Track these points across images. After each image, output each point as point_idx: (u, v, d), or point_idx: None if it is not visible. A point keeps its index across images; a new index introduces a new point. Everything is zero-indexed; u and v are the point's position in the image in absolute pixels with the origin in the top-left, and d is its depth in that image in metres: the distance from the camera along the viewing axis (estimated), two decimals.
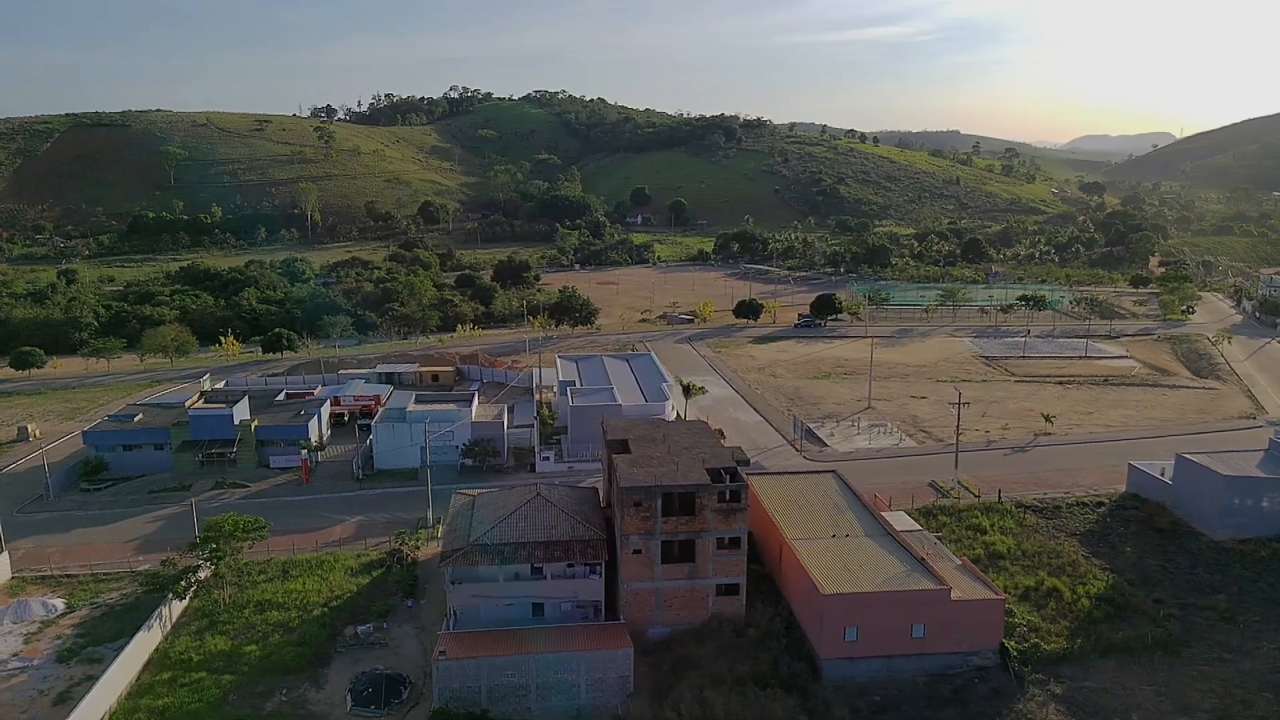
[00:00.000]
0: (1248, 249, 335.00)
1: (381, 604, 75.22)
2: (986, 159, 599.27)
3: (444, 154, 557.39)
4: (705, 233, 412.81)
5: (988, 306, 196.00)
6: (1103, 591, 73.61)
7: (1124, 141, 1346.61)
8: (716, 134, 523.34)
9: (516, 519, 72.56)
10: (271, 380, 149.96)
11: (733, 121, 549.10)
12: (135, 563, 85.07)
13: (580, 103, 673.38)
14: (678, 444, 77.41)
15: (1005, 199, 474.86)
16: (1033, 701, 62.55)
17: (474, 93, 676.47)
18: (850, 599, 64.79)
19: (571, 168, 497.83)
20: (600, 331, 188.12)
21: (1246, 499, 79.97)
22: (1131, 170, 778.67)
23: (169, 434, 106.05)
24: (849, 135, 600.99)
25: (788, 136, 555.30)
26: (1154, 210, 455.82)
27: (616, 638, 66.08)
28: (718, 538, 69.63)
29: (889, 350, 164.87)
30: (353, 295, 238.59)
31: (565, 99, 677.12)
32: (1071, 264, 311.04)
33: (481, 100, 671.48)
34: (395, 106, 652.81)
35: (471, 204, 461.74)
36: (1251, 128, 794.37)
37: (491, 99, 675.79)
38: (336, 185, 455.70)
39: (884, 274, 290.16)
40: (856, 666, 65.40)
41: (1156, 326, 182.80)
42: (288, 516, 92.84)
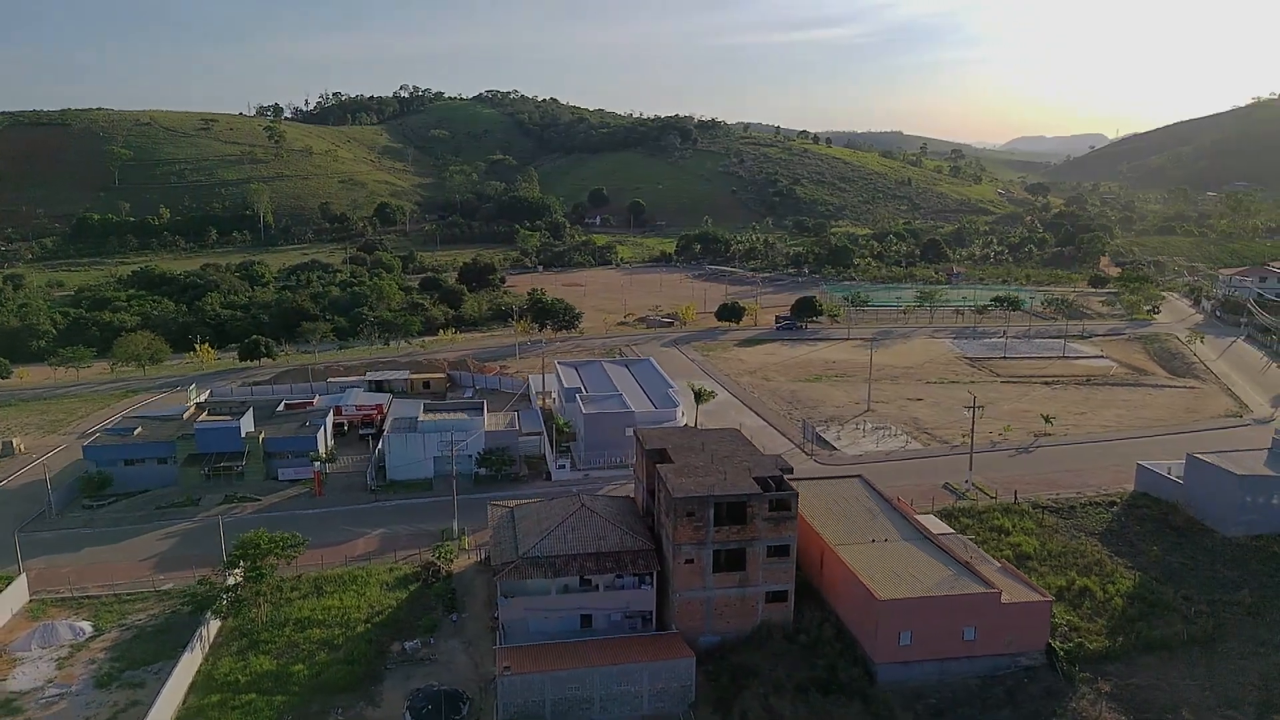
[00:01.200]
0: (1192, 248, 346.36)
1: (427, 619, 74.58)
2: (934, 160, 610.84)
3: (397, 154, 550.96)
4: (664, 234, 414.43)
5: (963, 308, 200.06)
6: (1132, 590, 76.04)
7: (1059, 142, 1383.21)
8: (672, 135, 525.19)
9: (564, 531, 72.53)
10: (258, 389, 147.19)
11: (688, 122, 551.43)
12: (157, 582, 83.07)
13: (533, 103, 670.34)
14: (718, 453, 78.01)
15: (955, 199, 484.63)
16: (1084, 700, 64.43)
17: (424, 92, 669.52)
18: (905, 604, 66.05)
19: (529, 168, 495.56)
20: (583, 335, 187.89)
21: (1259, 497, 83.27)
22: (1070, 171, 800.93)
23: (174, 447, 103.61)
24: (801, 136, 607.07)
25: (743, 138, 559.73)
26: (1097, 211, 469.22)
27: (677, 648, 66.47)
28: (768, 545, 70.43)
29: (874, 352, 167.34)
30: (320, 300, 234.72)
31: (517, 99, 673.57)
32: (1025, 264, 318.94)
33: (432, 100, 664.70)
34: (344, 106, 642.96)
35: (428, 205, 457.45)
36: (1183, 130, 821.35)
37: (443, 99, 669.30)
38: (289, 186, 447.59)
39: (847, 275, 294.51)
40: (910, 670, 66.68)
41: (1125, 326, 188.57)
42: (306, 530, 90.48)
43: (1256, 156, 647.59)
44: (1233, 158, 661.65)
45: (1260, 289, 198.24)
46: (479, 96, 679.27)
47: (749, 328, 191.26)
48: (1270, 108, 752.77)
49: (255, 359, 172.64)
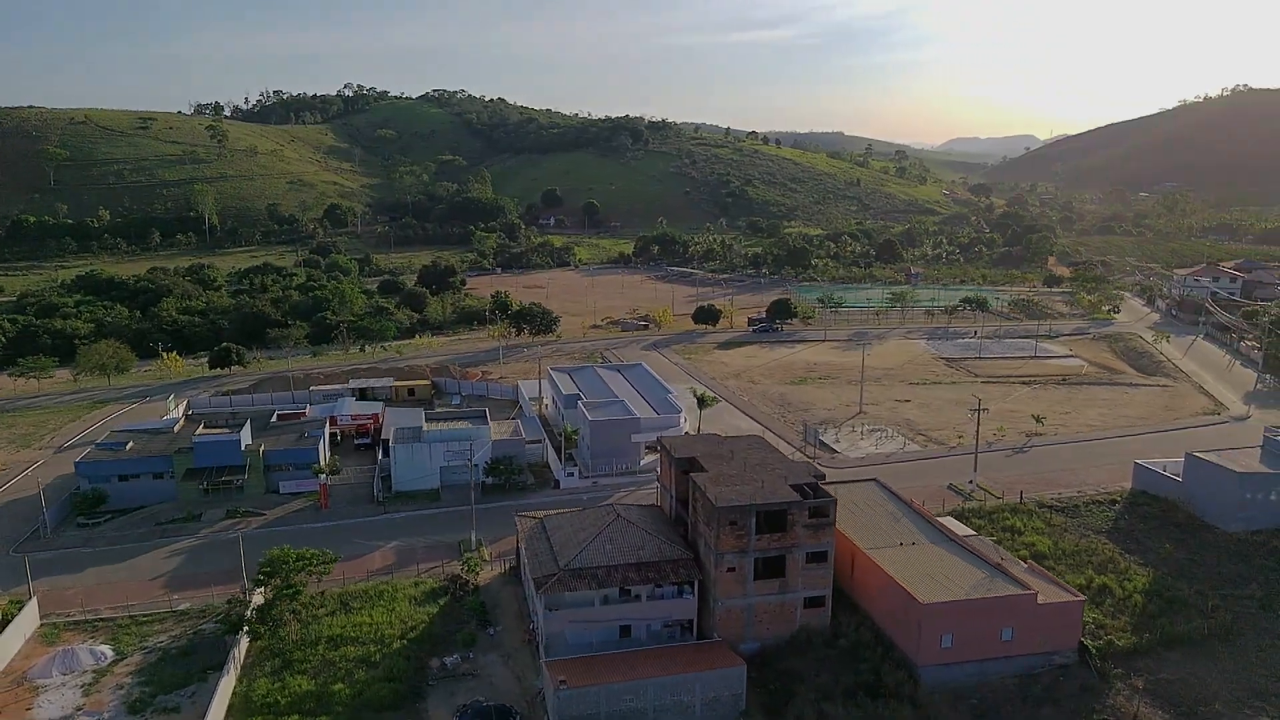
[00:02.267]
0: (1134, 248, 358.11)
1: (466, 633, 73.88)
2: (880, 160, 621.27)
3: (343, 154, 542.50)
4: (619, 235, 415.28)
5: (933, 308, 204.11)
6: (1148, 587, 78.64)
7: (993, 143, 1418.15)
8: (623, 135, 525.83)
9: (602, 541, 72.52)
10: (236, 399, 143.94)
11: (638, 123, 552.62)
12: (172, 602, 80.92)
13: (480, 103, 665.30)
14: (748, 460, 78.65)
15: (903, 200, 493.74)
16: (1120, 696, 66.51)
17: (369, 91, 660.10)
18: (947, 607, 67.42)
19: (481, 169, 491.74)
20: (559, 339, 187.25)
21: (1258, 493, 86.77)
22: (1007, 172, 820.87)
23: (172, 462, 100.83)
24: (750, 137, 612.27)
25: (693, 138, 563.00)
26: (1038, 211, 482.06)
27: (726, 656, 66.97)
28: (807, 552, 71.33)
29: (851, 354, 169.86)
30: (281, 304, 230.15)
31: (465, 99, 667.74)
32: (976, 263, 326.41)
33: (377, 99, 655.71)
34: (287, 104, 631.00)
35: (378, 206, 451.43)
36: (1113, 132, 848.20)
37: (388, 98, 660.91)
38: (233, 187, 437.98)
39: (806, 275, 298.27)
40: (951, 671, 68.09)
41: (1089, 326, 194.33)
42: (318, 545, 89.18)
43: (1185, 157, 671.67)
44: (1162, 159, 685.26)
45: (1216, 288, 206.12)
46: (425, 96, 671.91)
47: (725, 330, 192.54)
48: (1196, 111, 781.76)
49: (225, 367, 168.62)
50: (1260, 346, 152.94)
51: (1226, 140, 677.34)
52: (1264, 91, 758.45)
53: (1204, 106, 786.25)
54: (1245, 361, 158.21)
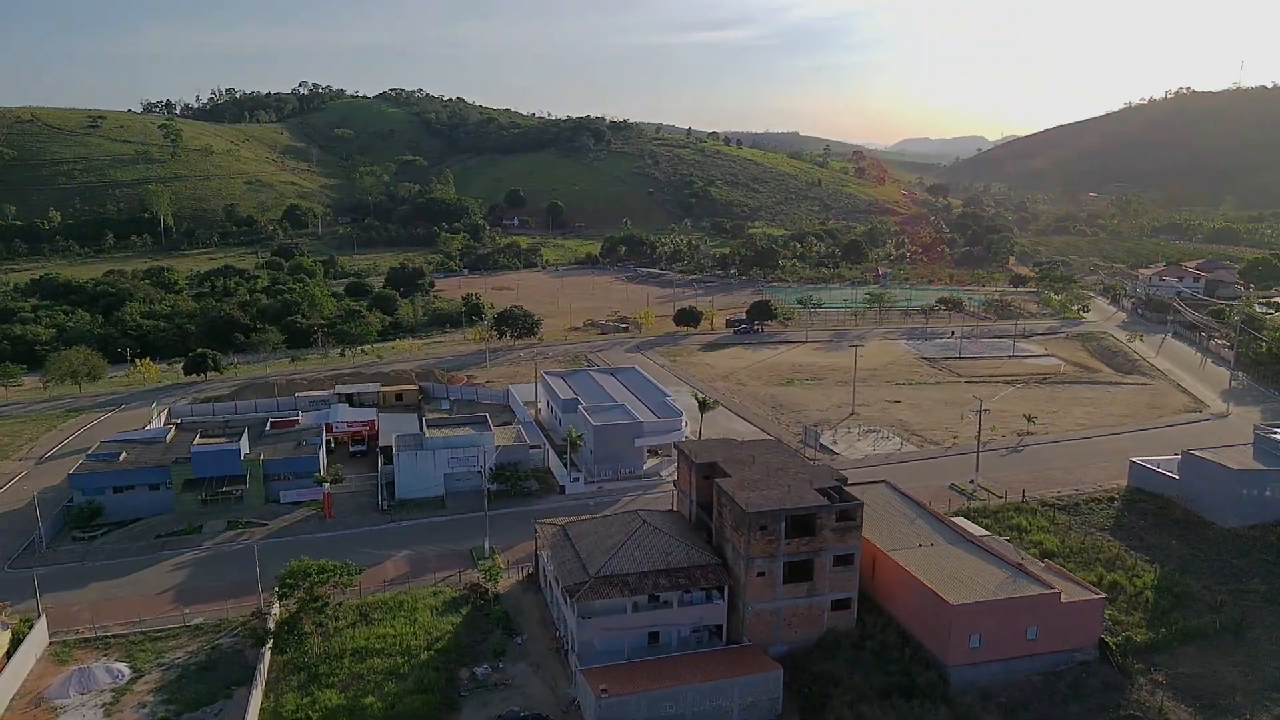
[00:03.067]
0: (1090, 248, 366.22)
1: (495, 643, 73.46)
2: (839, 161, 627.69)
3: (300, 154, 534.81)
4: (584, 235, 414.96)
5: (910, 309, 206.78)
6: (1157, 582, 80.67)
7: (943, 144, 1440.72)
8: (585, 136, 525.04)
9: (631, 548, 72.57)
10: (219, 407, 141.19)
11: (600, 123, 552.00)
12: (183, 616, 79.25)
13: (439, 102, 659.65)
14: (769, 465, 79.19)
15: (864, 200, 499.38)
16: (1143, 691, 68.19)
17: (325, 89, 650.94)
18: (976, 608, 68.54)
19: (443, 169, 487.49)
20: (542, 342, 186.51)
21: (1254, 489, 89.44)
22: (960, 173, 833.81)
23: (169, 472, 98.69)
24: (711, 137, 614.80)
25: (655, 139, 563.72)
26: (994, 211, 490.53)
27: (762, 661, 67.48)
28: (834, 555, 72.07)
29: (834, 355, 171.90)
30: (248, 308, 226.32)
31: (423, 98, 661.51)
32: (939, 263, 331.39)
33: (334, 98, 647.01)
34: (240, 103, 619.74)
35: (338, 207, 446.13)
36: (1062, 133, 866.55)
37: (344, 96, 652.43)
38: (188, 187, 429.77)
39: (774, 276, 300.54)
40: (978, 671, 69.24)
41: (1061, 326, 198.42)
42: (326, 555, 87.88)
43: (1132, 158, 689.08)
44: (1110, 160, 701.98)
45: (1183, 288, 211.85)
46: (383, 95, 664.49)
47: (706, 331, 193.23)
48: (1142, 112, 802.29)
49: (201, 373, 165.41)
50: (1231, 345, 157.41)
51: (1171, 142, 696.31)
52: (1206, 94, 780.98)
53: (1149, 109, 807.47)
54: (1217, 359, 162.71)
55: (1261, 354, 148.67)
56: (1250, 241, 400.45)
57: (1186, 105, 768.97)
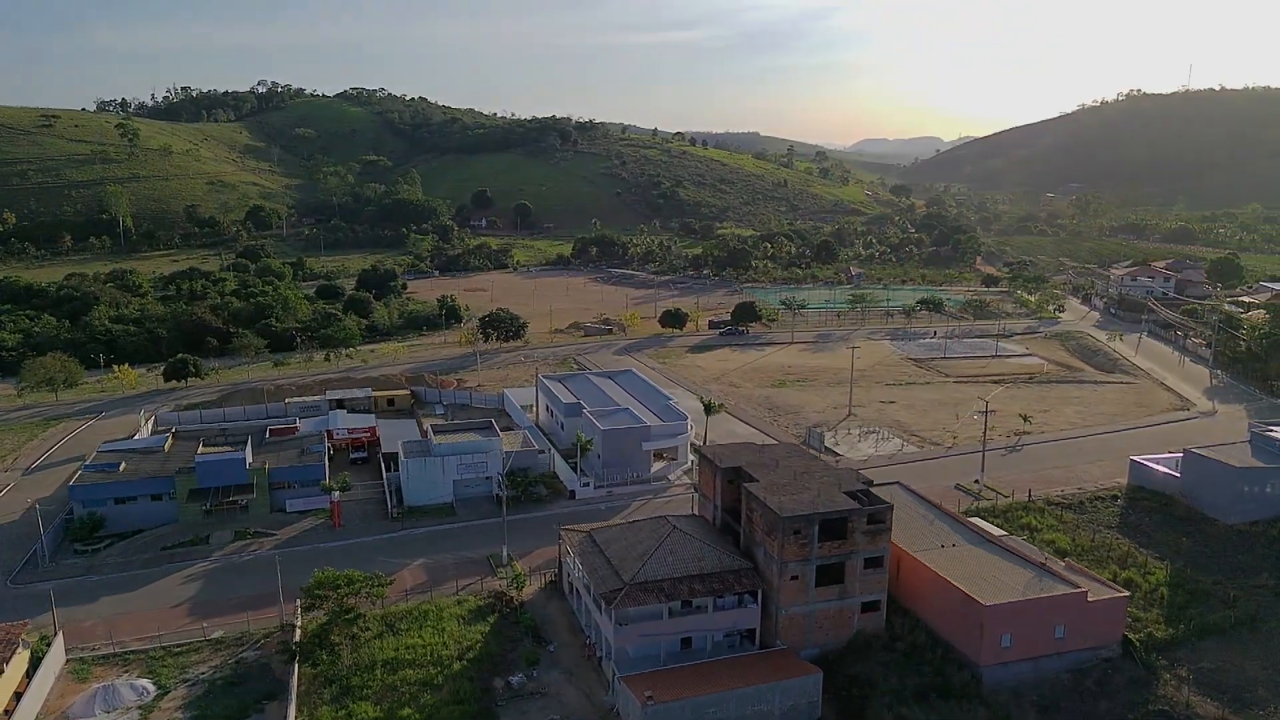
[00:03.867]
0: (1054, 247, 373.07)
1: (527, 651, 73.06)
2: (802, 161, 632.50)
3: (260, 154, 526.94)
4: (553, 236, 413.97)
5: (892, 309, 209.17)
6: (1169, 579, 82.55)
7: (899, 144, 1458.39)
8: (552, 136, 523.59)
9: (664, 554, 72.60)
10: (207, 414, 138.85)
11: (566, 124, 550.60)
12: (200, 630, 77.74)
13: (401, 102, 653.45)
14: (793, 468, 79.65)
15: (829, 200, 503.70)
16: (1168, 686, 69.68)
17: (284, 88, 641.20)
18: (1008, 608, 69.55)
19: (410, 170, 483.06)
20: (529, 345, 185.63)
21: (1255, 487, 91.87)
22: (919, 173, 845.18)
23: (173, 483, 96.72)
24: (676, 138, 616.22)
25: (621, 139, 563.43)
26: (956, 211, 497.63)
27: (800, 665, 67.89)
28: (864, 558, 72.75)
29: (822, 356, 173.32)
30: (220, 311, 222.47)
31: (385, 97, 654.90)
32: (907, 263, 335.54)
33: (293, 96, 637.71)
34: (197, 101, 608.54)
35: (303, 208, 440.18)
36: (1017, 134, 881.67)
37: (304, 95, 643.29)
38: (148, 188, 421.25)
39: (747, 276, 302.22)
40: (1009, 670, 70.30)
41: (1038, 325, 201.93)
42: (339, 565, 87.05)
43: (1087, 159, 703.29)
44: (1066, 160, 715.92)
45: (1156, 287, 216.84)
46: (344, 94, 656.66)
47: (692, 333, 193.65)
48: (1095, 114, 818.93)
49: (181, 379, 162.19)
50: (1208, 344, 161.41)
51: (1124, 143, 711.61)
52: (1156, 96, 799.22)
53: (1102, 110, 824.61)
54: (1195, 358, 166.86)
55: (1241, 353, 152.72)
56: (1205, 241, 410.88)
57: (1139, 107, 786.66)
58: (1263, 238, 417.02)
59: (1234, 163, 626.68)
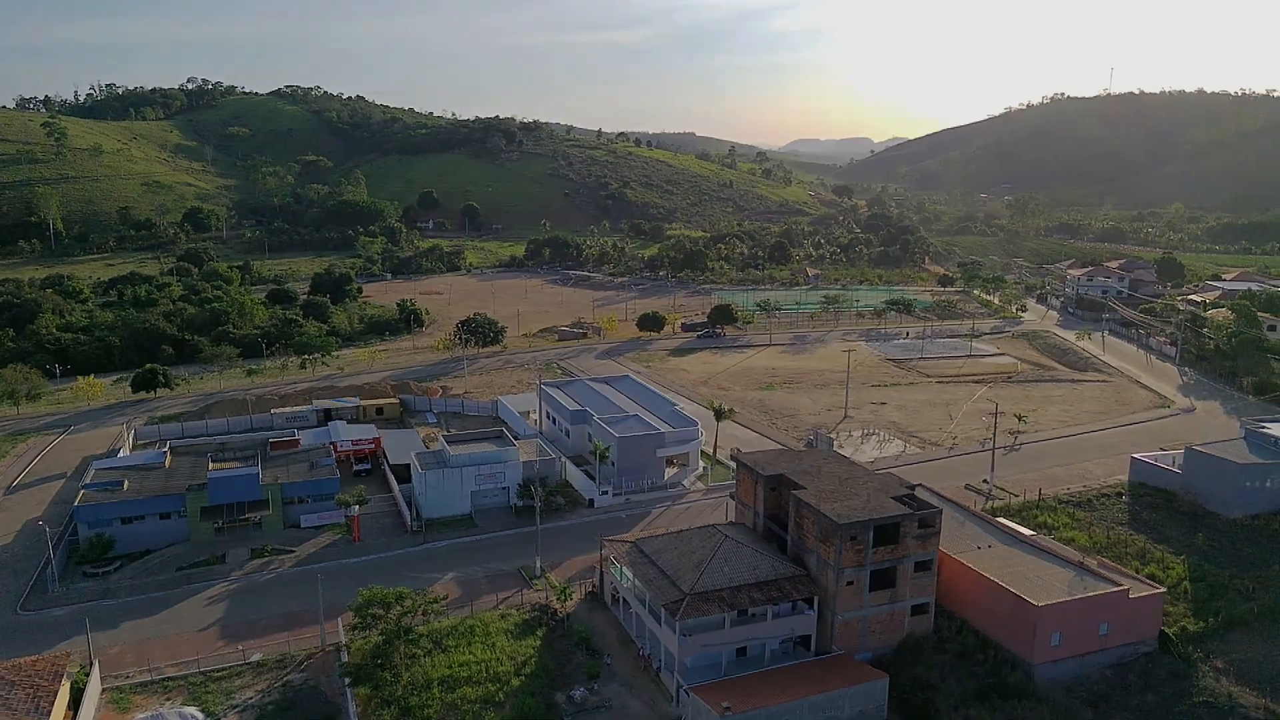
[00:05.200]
0: (998, 247, 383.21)
1: (590, 665, 72.45)
2: (745, 162, 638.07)
3: (193, 153, 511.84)
4: (503, 238, 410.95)
5: (864, 310, 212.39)
6: (1189, 573, 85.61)
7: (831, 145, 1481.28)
8: (496, 137, 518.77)
9: (719, 563, 72.79)
10: (189, 426, 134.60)
11: (510, 124, 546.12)
12: (235, 653, 75.34)
13: (339, 100, 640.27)
14: (835, 474, 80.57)
15: (775, 201, 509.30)
16: (1207, 678, 72.30)
17: (215, 85, 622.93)
18: (1059, 608, 71.40)
19: (355, 170, 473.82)
20: (508, 350, 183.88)
21: (1256, 481, 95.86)
22: (855, 174, 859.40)
23: (184, 500, 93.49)
24: (620, 138, 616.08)
25: (567, 140, 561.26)
26: (898, 212, 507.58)
27: (865, 670, 68.73)
28: (915, 561, 74.00)
29: (801, 358, 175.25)
30: (174, 318, 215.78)
31: (322, 96, 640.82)
32: (857, 263, 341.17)
33: (225, 94, 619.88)
34: (124, 99, 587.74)
35: (242, 209, 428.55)
36: (947, 137, 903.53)
37: (236, 93, 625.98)
38: (78, 189, 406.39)
39: (705, 278, 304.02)
40: (1058, 668, 72.23)
41: (1004, 325, 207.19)
42: (367, 582, 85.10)
43: (1014, 161, 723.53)
44: (995, 162, 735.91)
45: (1110, 288, 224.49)
46: (278, 92, 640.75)
47: (670, 336, 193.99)
48: (1021, 116, 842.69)
49: (151, 390, 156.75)
50: (1173, 342, 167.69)
51: (1050, 145, 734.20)
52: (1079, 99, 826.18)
53: (1028, 113, 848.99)
54: (1161, 356, 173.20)
55: (1210, 351, 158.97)
56: (1135, 240, 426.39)
57: (1062, 110, 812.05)
58: (1189, 237, 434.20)
59: (1155, 164, 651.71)
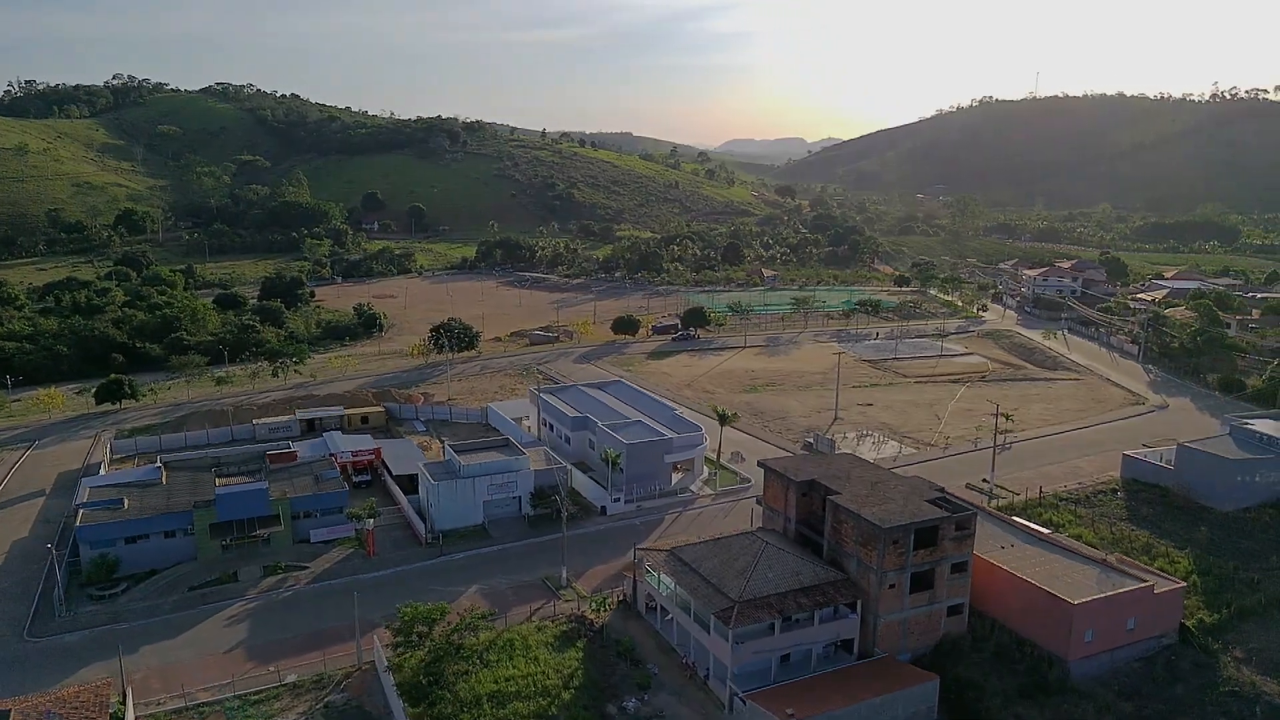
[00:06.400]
0: (943, 247, 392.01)
1: (639, 675, 72.20)
2: (688, 163, 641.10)
3: (122, 153, 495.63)
4: (450, 239, 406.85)
5: (833, 311, 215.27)
6: (1193, 567, 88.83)
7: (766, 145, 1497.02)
8: (440, 137, 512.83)
9: (763, 570, 73.27)
10: (167, 439, 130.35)
11: (454, 124, 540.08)
12: (279, 673, 73.30)
13: (273, 98, 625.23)
14: (865, 479, 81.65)
15: (721, 202, 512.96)
16: (1229, 668, 75.26)
17: (143, 82, 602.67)
18: (1093, 605, 73.48)
19: (296, 171, 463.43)
20: (483, 355, 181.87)
21: (1247, 476, 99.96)
22: (793, 174, 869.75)
23: (190, 518, 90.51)
24: (564, 138, 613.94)
25: (511, 140, 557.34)
26: (840, 213, 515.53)
27: (915, 672, 69.85)
28: (952, 563, 75.47)
29: (779, 359, 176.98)
30: (123, 325, 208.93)
31: (255, 94, 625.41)
32: (807, 264, 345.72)
33: (153, 91, 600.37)
34: (45, 96, 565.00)
35: (178, 211, 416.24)
36: (879, 139, 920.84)
37: (165, 90, 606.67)
38: (3, 190, 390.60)
39: (661, 279, 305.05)
40: (1090, 663, 74.33)
41: (968, 325, 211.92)
42: (391, 596, 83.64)
43: (948, 162, 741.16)
44: (929, 163, 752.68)
45: (1064, 287, 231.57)
46: (209, 89, 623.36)
47: (644, 339, 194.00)
48: (953, 119, 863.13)
49: (116, 401, 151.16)
50: (1134, 340, 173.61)
51: (980, 147, 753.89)
52: (1007, 102, 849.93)
53: (958, 115, 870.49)
54: (1123, 354, 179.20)
55: (1174, 349, 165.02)
56: (1070, 240, 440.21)
57: (992, 112, 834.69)
58: (1119, 236, 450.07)
59: (1081, 165, 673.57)
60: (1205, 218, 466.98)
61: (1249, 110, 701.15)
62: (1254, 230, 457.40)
